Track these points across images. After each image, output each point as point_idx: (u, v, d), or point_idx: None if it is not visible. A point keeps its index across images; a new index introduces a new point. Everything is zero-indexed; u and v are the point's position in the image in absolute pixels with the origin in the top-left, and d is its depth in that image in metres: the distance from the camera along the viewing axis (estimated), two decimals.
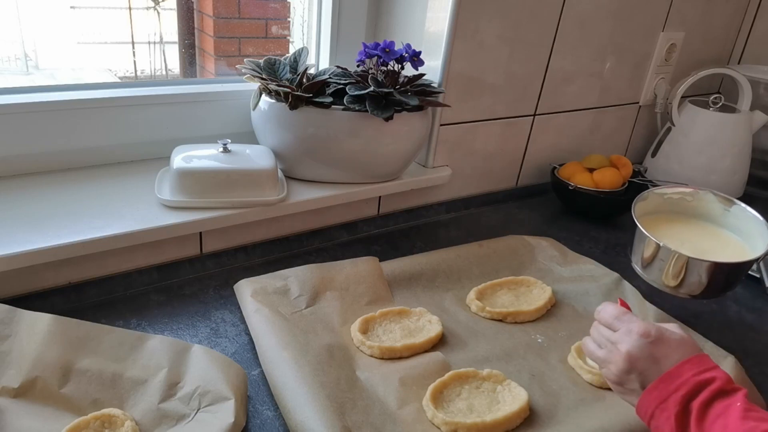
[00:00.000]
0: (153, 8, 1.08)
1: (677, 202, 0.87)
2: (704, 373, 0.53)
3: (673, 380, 0.53)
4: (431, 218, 1.09)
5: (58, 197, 0.80)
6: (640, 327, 0.57)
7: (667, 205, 0.87)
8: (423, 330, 0.74)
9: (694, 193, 0.86)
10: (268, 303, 0.73)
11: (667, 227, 0.84)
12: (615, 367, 0.57)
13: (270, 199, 0.84)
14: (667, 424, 0.52)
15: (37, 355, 0.59)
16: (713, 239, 0.83)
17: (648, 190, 0.86)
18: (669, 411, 0.52)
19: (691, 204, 0.87)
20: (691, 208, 0.87)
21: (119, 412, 0.57)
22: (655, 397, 0.54)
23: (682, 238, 0.82)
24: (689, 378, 0.53)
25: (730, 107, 1.22)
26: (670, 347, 0.55)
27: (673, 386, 0.53)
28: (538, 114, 1.14)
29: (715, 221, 0.86)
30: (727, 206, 0.84)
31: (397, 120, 0.85)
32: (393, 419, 0.61)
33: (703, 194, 0.86)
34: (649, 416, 0.54)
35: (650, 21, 1.22)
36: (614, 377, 0.58)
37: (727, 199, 0.84)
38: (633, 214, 0.81)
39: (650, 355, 0.55)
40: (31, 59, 1.07)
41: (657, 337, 0.56)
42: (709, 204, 0.85)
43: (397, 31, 1.01)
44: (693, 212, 0.87)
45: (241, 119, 0.97)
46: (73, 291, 0.76)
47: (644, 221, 0.81)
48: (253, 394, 0.65)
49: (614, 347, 0.58)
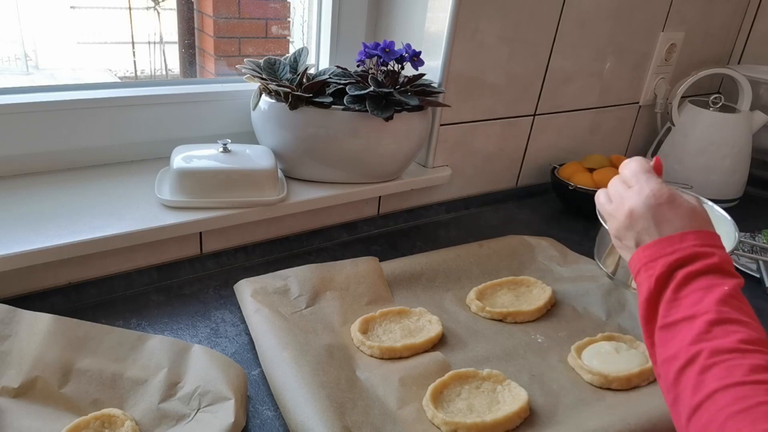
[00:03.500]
0: (153, 8, 1.09)
1: None
2: (705, 247, 0.50)
3: (672, 244, 0.51)
4: (431, 218, 1.09)
5: (58, 197, 0.80)
6: (654, 187, 0.55)
7: None
8: (423, 330, 0.74)
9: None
10: (268, 303, 0.73)
11: None
12: (617, 222, 0.57)
13: (270, 199, 0.84)
14: (646, 282, 0.51)
15: (37, 355, 0.59)
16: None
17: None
18: (653, 270, 0.50)
19: None
20: None
21: (119, 412, 0.57)
22: (647, 256, 0.52)
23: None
24: (689, 245, 0.50)
25: (730, 107, 1.22)
26: (677, 214, 0.53)
27: (669, 249, 0.51)
28: (538, 114, 1.14)
29: None
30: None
31: (397, 120, 0.85)
32: (393, 419, 0.61)
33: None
34: (635, 272, 0.53)
35: (650, 21, 1.22)
36: (614, 231, 0.57)
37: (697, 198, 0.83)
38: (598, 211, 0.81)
39: (653, 216, 0.53)
40: (31, 59, 1.07)
41: (667, 200, 0.54)
42: None
43: (397, 31, 1.01)
44: None
45: (241, 119, 0.97)
46: (73, 291, 0.76)
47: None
48: (253, 394, 0.65)
49: (621, 202, 0.57)
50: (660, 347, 0.48)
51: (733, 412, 0.40)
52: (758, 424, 0.39)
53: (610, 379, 0.68)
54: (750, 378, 0.42)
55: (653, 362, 0.50)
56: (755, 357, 0.43)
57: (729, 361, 0.43)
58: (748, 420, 0.39)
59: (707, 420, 0.41)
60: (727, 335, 0.45)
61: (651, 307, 0.50)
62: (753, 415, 0.39)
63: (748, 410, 0.40)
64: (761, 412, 0.39)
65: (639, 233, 0.54)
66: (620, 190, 0.58)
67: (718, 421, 0.40)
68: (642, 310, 0.51)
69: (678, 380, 0.45)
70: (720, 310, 0.46)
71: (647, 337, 0.51)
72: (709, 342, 0.45)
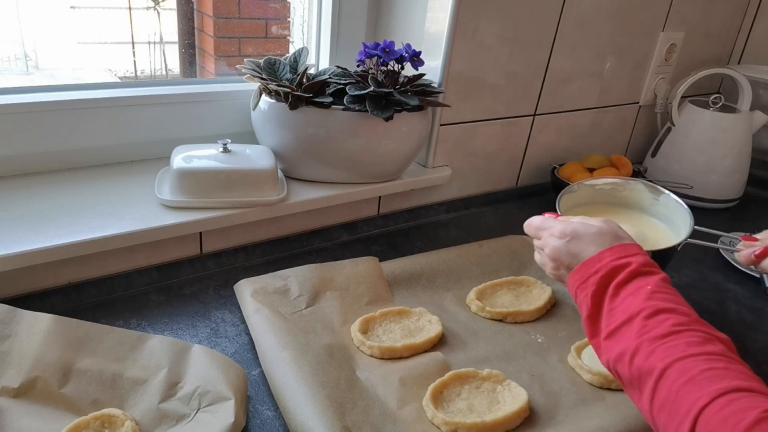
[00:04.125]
0: (153, 8, 1.09)
1: (609, 192, 0.89)
2: (622, 259, 0.58)
3: (594, 264, 0.59)
4: (431, 218, 1.09)
5: (58, 197, 0.80)
6: (558, 228, 0.64)
7: (599, 196, 0.89)
8: (423, 330, 0.74)
9: (625, 183, 0.89)
10: (268, 303, 0.73)
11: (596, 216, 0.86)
12: (548, 267, 0.66)
13: (270, 199, 0.84)
14: (584, 301, 0.58)
15: (37, 355, 0.59)
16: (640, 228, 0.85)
17: (578, 182, 0.88)
18: (587, 290, 0.58)
19: (622, 194, 0.89)
20: (623, 199, 0.89)
21: (119, 412, 0.57)
22: (577, 279, 0.60)
23: None
24: (607, 263, 0.58)
25: (730, 107, 1.22)
26: (586, 242, 0.61)
27: (593, 269, 0.58)
28: (538, 114, 1.14)
29: (645, 210, 0.88)
30: (656, 195, 0.86)
31: (397, 120, 0.85)
32: (393, 419, 0.61)
33: (633, 184, 0.88)
34: (573, 295, 0.61)
35: (650, 21, 1.22)
36: (551, 274, 0.66)
37: (656, 189, 0.86)
38: (557, 205, 0.82)
39: (569, 251, 0.62)
40: (31, 59, 1.07)
41: (572, 235, 0.62)
42: (640, 194, 0.88)
43: (397, 31, 1.01)
44: (624, 202, 0.89)
45: (241, 119, 0.97)
46: (73, 291, 0.76)
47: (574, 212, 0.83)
48: (253, 394, 0.65)
49: (543, 252, 0.66)
50: (609, 352, 0.54)
51: (682, 383, 0.46)
52: (705, 388, 0.45)
53: (610, 379, 0.68)
54: (688, 352, 0.48)
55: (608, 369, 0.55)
56: (687, 335, 0.50)
57: (667, 343, 0.50)
58: (696, 388, 0.45)
59: (665, 396, 0.47)
60: (661, 323, 0.51)
61: (593, 321, 0.57)
62: (699, 382, 0.46)
63: (693, 379, 0.46)
64: (705, 377, 0.46)
65: (567, 267, 0.63)
66: (536, 244, 0.68)
67: (672, 393, 0.47)
68: (587, 326, 0.58)
69: (631, 372, 0.51)
70: (649, 305, 0.53)
71: (596, 348, 0.57)
72: (648, 333, 0.51)
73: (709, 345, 0.49)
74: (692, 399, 0.45)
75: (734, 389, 0.44)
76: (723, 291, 0.93)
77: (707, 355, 0.48)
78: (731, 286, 0.95)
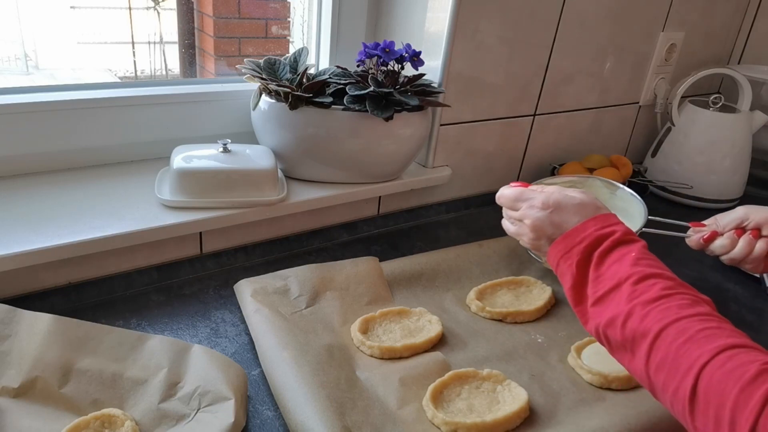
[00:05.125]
0: (153, 8, 1.09)
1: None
2: (605, 228, 0.59)
3: (578, 234, 0.60)
4: (431, 218, 1.09)
5: (58, 197, 0.80)
6: (539, 200, 0.64)
7: None
8: (423, 330, 0.74)
9: (584, 180, 0.92)
10: (268, 303, 0.73)
11: None
12: (527, 238, 0.65)
13: (270, 199, 0.84)
14: (569, 270, 0.59)
15: (37, 355, 0.59)
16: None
17: (539, 180, 0.90)
18: (572, 259, 0.59)
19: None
20: None
21: (119, 412, 0.57)
22: (561, 249, 0.60)
23: None
24: (592, 232, 0.59)
25: (730, 107, 1.22)
26: (569, 212, 0.62)
27: (578, 239, 0.59)
28: (538, 114, 1.14)
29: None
30: (613, 190, 0.89)
31: (397, 120, 0.85)
32: (393, 419, 0.61)
33: (591, 180, 0.92)
34: (555, 265, 0.62)
35: (650, 21, 1.22)
36: (529, 245, 0.66)
37: (612, 184, 0.90)
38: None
39: (551, 222, 0.62)
40: (31, 59, 1.07)
41: (555, 206, 0.62)
42: (597, 189, 0.91)
43: (397, 31, 1.01)
44: None
45: (241, 119, 0.97)
46: (73, 291, 0.76)
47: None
48: (253, 394, 0.65)
49: (521, 223, 0.66)
50: (598, 318, 0.55)
51: (681, 342, 0.48)
52: (704, 345, 0.47)
53: (610, 379, 0.68)
54: (683, 314, 0.50)
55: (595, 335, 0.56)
56: (678, 298, 0.52)
57: (660, 306, 0.51)
58: (695, 346, 0.47)
59: (663, 355, 0.49)
60: (650, 288, 0.53)
61: (578, 289, 0.58)
62: (697, 341, 0.48)
63: (692, 338, 0.48)
64: (702, 336, 0.48)
65: (550, 238, 0.63)
66: (513, 215, 0.68)
67: (671, 352, 0.48)
68: (571, 294, 0.58)
69: (624, 334, 0.52)
70: (636, 271, 0.54)
71: (581, 315, 0.58)
72: (638, 297, 0.53)
73: (698, 306, 0.51)
74: (693, 357, 0.47)
75: (732, 346, 0.46)
76: (723, 291, 0.93)
77: (700, 316, 0.50)
78: (731, 286, 0.95)
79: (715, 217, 0.75)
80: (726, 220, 0.73)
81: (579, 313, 0.58)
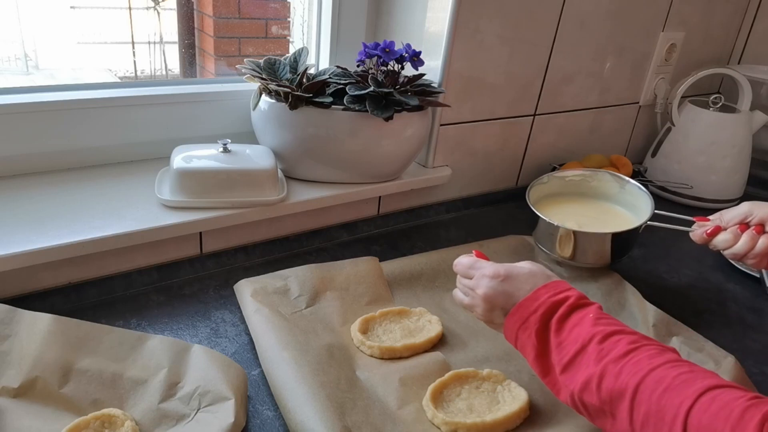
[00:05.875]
0: (153, 8, 1.09)
1: (579, 183, 0.96)
2: (559, 294, 0.59)
3: (532, 303, 0.59)
4: (431, 218, 1.09)
5: (58, 197, 0.80)
6: (490, 270, 0.63)
7: (568, 187, 0.96)
8: (423, 330, 0.74)
9: (594, 174, 0.95)
10: (268, 303, 0.73)
11: (566, 206, 0.93)
12: (480, 309, 0.64)
13: (270, 199, 0.84)
14: (529, 341, 0.58)
15: (37, 355, 0.59)
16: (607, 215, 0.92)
17: (548, 173, 0.93)
18: (530, 329, 0.58)
19: (591, 185, 0.96)
20: (591, 189, 0.96)
21: (119, 412, 0.57)
22: (516, 320, 0.59)
23: (578, 215, 0.91)
24: (546, 299, 0.59)
25: (730, 107, 1.22)
26: (520, 281, 0.61)
27: (532, 307, 0.59)
28: (538, 114, 1.14)
29: (612, 199, 0.95)
30: (622, 184, 0.92)
31: (397, 120, 0.85)
32: (393, 419, 0.61)
33: (601, 174, 0.94)
34: (514, 339, 0.60)
35: (650, 21, 1.22)
36: (482, 317, 0.64)
37: (621, 178, 0.92)
38: (527, 195, 0.88)
39: (503, 291, 0.61)
40: (31, 59, 1.07)
41: (506, 276, 0.62)
42: (607, 183, 0.94)
43: (397, 31, 1.01)
44: (593, 192, 0.96)
45: (241, 119, 0.97)
46: (73, 291, 0.76)
47: (544, 202, 0.89)
48: (253, 394, 0.65)
49: (474, 293, 0.64)
50: (570, 385, 0.54)
51: (661, 392, 0.48)
52: (683, 391, 0.47)
53: None
54: (654, 363, 0.50)
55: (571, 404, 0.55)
56: (646, 350, 0.52)
57: (631, 360, 0.51)
58: (674, 393, 0.47)
59: (646, 409, 0.48)
60: (616, 344, 0.53)
61: (543, 359, 0.57)
62: (676, 388, 0.48)
63: (670, 386, 0.48)
64: (679, 382, 0.48)
65: (503, 308, 0.62)
66: (465, 282, 0.66)
67: (653, 404, 0.48)
68: (536, 366, 0.58)
69: (601, 396, 0.51)
70: (599, 330, 0.55)
71: (552, 386, 0.57)
72: (607, 355, 0.52)
73: (666, 354, 0.52)
74: (676, 404, 0.47)
75: (711, 387, 0.47)
76: (723, 291, 0.93)
77: (670, 363, 0.50)
78: (731, 286, 0.95)
79: (720, 212, 0.76)
80: (730, 216, 0.74)
81: (549, 384, 0.57)
